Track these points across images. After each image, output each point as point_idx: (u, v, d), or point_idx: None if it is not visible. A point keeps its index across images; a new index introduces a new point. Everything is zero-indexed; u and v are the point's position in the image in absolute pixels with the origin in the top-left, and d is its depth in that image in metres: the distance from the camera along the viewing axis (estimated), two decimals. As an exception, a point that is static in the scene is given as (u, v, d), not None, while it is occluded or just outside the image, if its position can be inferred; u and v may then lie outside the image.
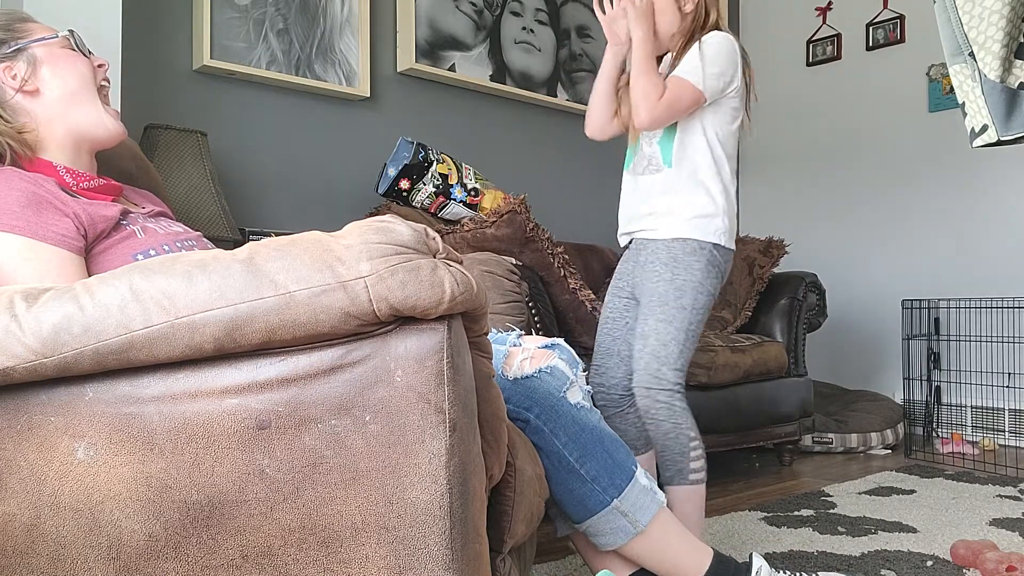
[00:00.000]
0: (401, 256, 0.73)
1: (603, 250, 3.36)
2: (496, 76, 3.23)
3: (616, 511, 1.27)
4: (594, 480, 1.26)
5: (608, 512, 1.27)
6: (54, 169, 1.22)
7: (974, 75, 1.01)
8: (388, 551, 0.75)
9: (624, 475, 1.28)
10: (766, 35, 4.23)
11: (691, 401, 2.55)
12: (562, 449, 1.25)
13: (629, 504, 1.28)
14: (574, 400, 1.29)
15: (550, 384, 1.27)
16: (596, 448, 1.27)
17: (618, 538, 1.28)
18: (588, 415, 1.30)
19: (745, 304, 2.95)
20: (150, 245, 1.22)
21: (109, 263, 1.17)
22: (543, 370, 1.28)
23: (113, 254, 1.18)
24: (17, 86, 1.21)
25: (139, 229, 1.24)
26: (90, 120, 1.26)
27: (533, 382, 1.27)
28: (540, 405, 1.26)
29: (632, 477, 1.29)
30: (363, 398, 0.75)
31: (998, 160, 3.42)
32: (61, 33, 1.27)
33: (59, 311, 0.75)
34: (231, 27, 2.52)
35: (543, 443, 1.25)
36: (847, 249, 3.89)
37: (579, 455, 1.26)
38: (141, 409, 0.76)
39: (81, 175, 1.25)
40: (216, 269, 0.74)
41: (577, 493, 1.26)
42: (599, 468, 1.27)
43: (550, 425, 1.25)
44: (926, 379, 3.22)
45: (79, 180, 1.24)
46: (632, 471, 1.30)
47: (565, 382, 1.29)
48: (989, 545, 1.70)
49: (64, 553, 0.79)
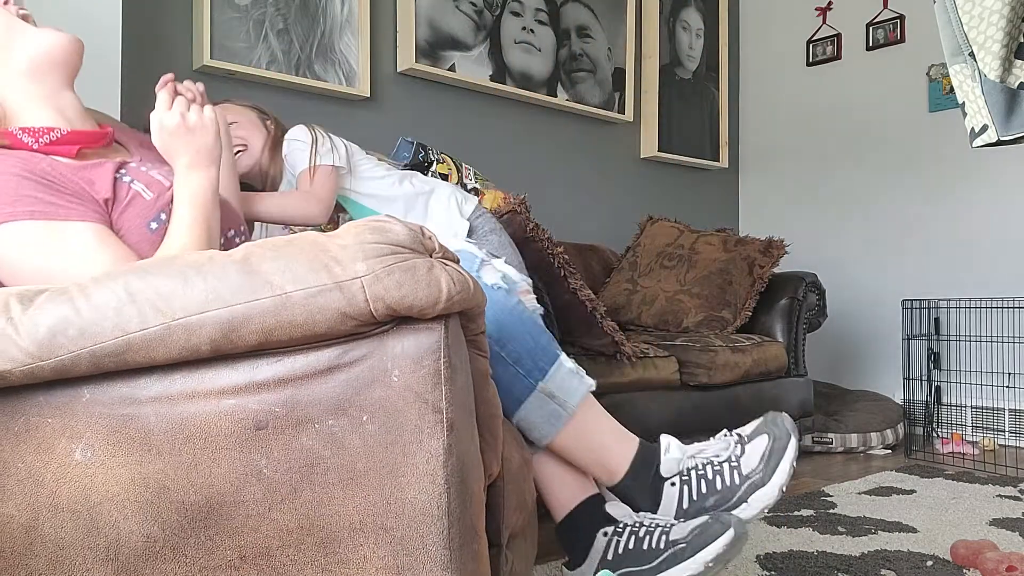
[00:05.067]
0: (397, 256, 0.73)
1: (603, 250, 3.36)
2: (496, 76, 3.23)
3: (542, 394, 1.22)
4: (516, 362, 1.21)
5: (535, 396, 1.22)
6: (11, 135, 1.15)
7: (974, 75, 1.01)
8: (386, 551, 0.75)
9: (547, 357, 1.23)
10: (766, 35, 4.23)
11: (691, 401, 2.56)
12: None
13: (555, 385, 1.23)
14: (490, 281, 1.22)
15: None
16: (516, 329, 1.22)
17: (551, 425, 1.23)
18: (506, 297, 1.23)
19: (745, 304, 2.95)
20: (160, 207, 1.17)
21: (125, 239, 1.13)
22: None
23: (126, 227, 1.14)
24: None
25: (144, 187, 1.18)
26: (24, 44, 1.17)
27: None
28: None
29: (556, 359, 1.25)
30: (360, 398, 0.74)
31: (998, 160, 3.42)
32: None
33: (54, 313, 0.75)
34: (231, 27, 2.52)
35: None
36: (847, 249, 3.89)
37: (499, 337, 1.20)
38: (138, 410, 0.76)
39: (39, 131, 1.16)
40: (212, 270, 0.74)
41: (503, 380, 1.19)
42: (521, 350, 1.21)
43: None
44: (926, 379, 3.22)
45: (38, 136, 1.15)
46: (556, 354, 1.25)
47: (474, 262, 1.23)
48: (989, 545, 1.70)
49: (62, 555, 0.79)
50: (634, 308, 3.02)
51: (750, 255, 3.02)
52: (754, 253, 3.02)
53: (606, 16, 3.66)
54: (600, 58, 3.63)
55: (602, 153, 3.70)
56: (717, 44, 4.16)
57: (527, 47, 3.35)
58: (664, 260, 3.11)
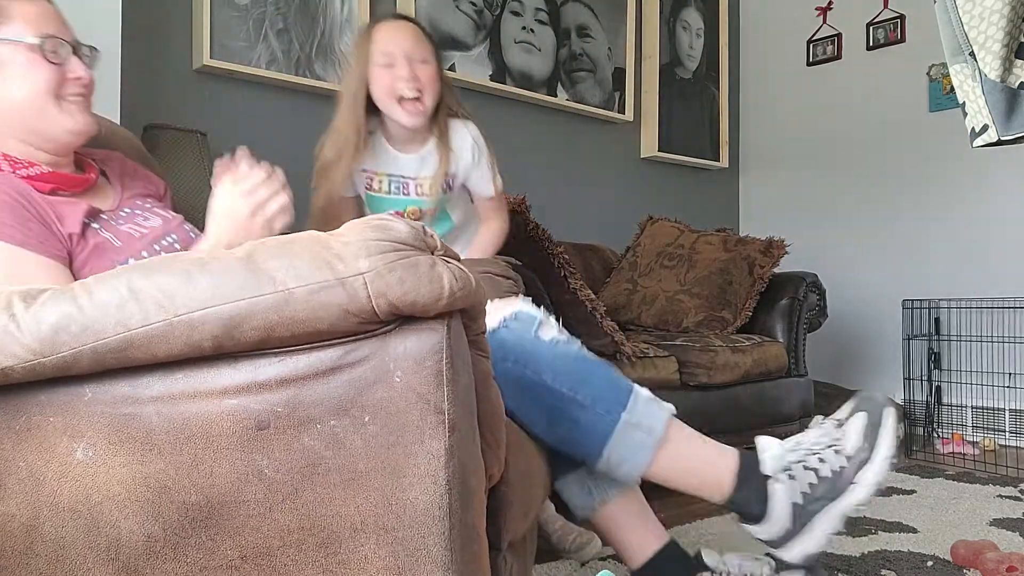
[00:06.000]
0: (399, 253, 0.73)
1: (603, 250, 3.36)
2: (496, 76, 3.23)
3: (628, 425, 1.20)
4: (595, 402, 1.20)
5: (621, 429, 1.20)
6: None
7: (974, 75, 1.01)
8: (387, 552, 0.75)
9: (624, 390, 1.23)
10: (766, 35, 4.23)
11: (691, 401, 2.56)
12: (552, 384, 1.20)
13: (639, 415, 1.21)
14: (548, 337, 1.23)
15: (518, 330, 1.22)
16: (587, 373, 1.22)
17: (641, 455, 1.21)
18: (567, 346, 1.24)
19: (745, 304, 2.95)
20: (128, 255, 1.17)
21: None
22: (507, 319, 1.23)
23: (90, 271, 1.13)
24: None
25: (113, 236, 1.18)
26: (42, 126, 1.17)
27: (501, 333, 1.21)
28: (515, 352, 1.20)
29: (632, 390, 1.24)
30: (362, 398, 0.74)
31: (998, 160, 3.42)
32: (33, 40, 1.16)
33: (57, 310, 0.75)
34: (231, 27, 2.52)
35: (530, 387, 1.19)
36: (847, 249, 3.89)
37: (571, 384, 1.20)
38: (140, 409, 0.76)
39: (19, 163, 1.16)
40: (215, 267, 0.74)
41: (583, 422, 1.20)
42: (596, 390, 1.21)
43: (531, 367, 1.20)
44: (926, 379, 3.22)
45: (16, 167, 1.16)
46: (631, 385, 1.24)
47: (533, 322, 1.23)
48: (989, 545, 1.70)
49: (63, 554, 0.79)
50: (634, 308, 3.02)
51: (750, 255, 3.01)
52: (754, 253, 3.02)
53: (606, 16, 3.66)
54: (600, 58, 3.63)
55: (602, 153, 3.70)
56: (717, 44, 4.16)
57: (527, 47, 3.35)
58: (664, 260, 3.11)
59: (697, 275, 3.00)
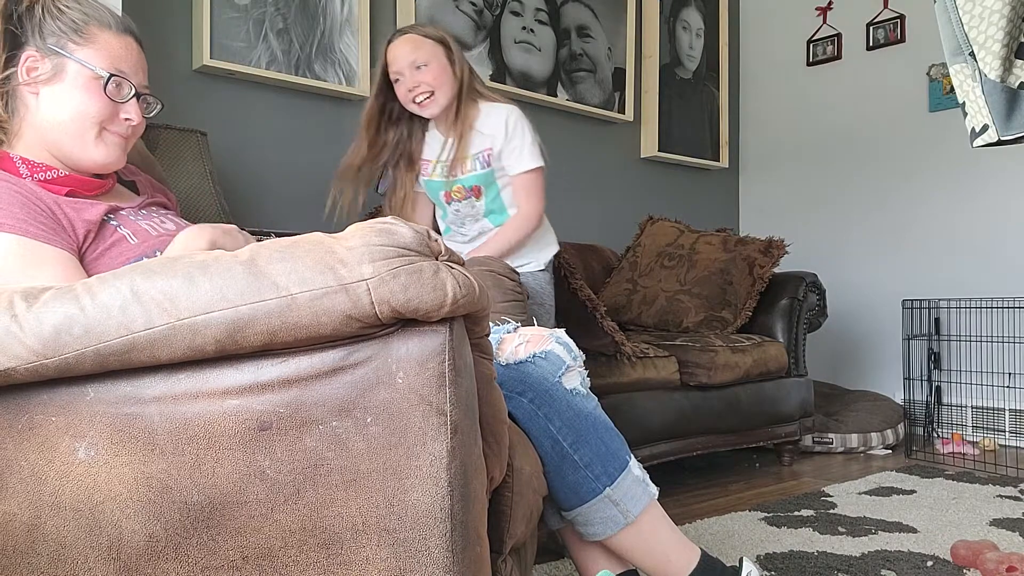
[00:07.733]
0: (403, 258, 0.73)
1: (603, 250, 3.36)
2: (496, 76, 3.23)
3: (607, 500, 1.25)
4: (587, 467, 1.24)
5: (599, 501, 1.25)
6: (10, 160, 1.17)
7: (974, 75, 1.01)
8: (389, 553, 0.75)
9: (618, 464, 1.26)
10: (766, 35, 4.23)
11: (691, 401, 2.56)
12: (556, 434, 1.24)
13: (621, 494, 1.26)
14: (570, 386, 1.27)
15: (545, 369, 1.25)
16: (591, 435, 1.25)
17: (607, 528, 1.26)
18: (584, 401, 1.28)
19: (745, 304, 2.95)
20: (143, 252, 1.19)
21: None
22: (537, 355, 1.26)
23: (105, 265, 1.15)
24: (27, 80, 1.16)
25: (130, 233, 1.20)
26: (72, 149, 1.20)
27: (527, 367, 1.25)
28: (534, 390, 1.24)
29: (626, 466, 1.27)
30: (364, 400, 0.74)
31: (998, 160, 3.42)
32: (102, 72, 1.18)
33: (60, 312, 0.75)
34: (231, 27, 2.52)
35: (537, 428, 1.23)
36: (847, 249, 3.89)
37: (573, 441, 1.24)
38: (142, 409, 0.76)
39: (37, 166, 1.18)
40: (217, 271, 0.74)
41: (570, 480, 1.24)
42: (593, 455, 1.25)
43: (544, 410, 1.23)
44: (926, 379, 3.22)
45: (34, 171, 1.18)
46: (626, 460, 1.28)
47: (561, 367, 1.27)
48: (989, 545, 1.70)
49: (64, 553, 0.79)
50: (634, 308, 3.02)
51: (750, 255, 3.02)
52: (754, 253, 3.02)
53: (606, 16, 3.66)
54: (600, 58, 3.63)
55: (602, 153, 3.70)
56: (717, 44, 4.16)
57: (527, 47, 3.35)
58: (664, 260, 3.11)
59: (697, 275, 3.00)
